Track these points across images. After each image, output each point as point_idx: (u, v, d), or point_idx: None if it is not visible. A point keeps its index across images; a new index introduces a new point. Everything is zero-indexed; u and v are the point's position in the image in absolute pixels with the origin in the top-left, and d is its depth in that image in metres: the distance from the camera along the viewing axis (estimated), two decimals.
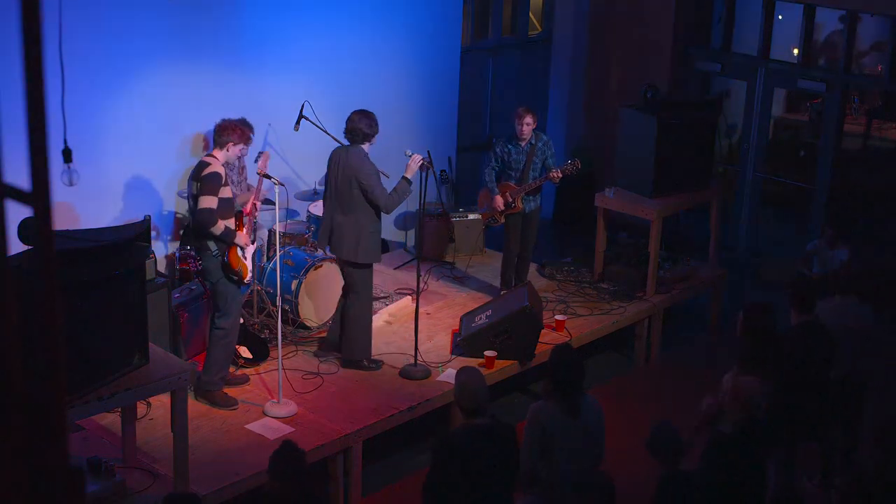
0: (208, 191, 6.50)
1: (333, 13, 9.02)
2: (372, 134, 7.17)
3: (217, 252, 6.63)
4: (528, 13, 11.78)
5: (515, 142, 8.39)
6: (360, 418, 6.82)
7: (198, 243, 6.72)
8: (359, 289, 7.35)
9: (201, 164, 6.64)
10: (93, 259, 5.18)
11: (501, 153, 8.43)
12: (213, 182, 6.51)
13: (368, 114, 7.21)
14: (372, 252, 7.25)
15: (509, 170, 8.43)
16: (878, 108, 11.66)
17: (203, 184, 6.51)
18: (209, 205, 6.50)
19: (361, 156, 7.17)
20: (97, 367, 5.27)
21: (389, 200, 7.13)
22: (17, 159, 1.91)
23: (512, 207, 8.48)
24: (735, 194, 11.24)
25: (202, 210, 6.50)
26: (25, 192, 1.60)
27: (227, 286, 6.72)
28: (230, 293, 6.75)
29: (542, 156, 8.44)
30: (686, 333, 9.46)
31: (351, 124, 7.18)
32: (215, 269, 6.67)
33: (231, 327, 6.83)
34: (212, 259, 6.65)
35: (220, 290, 6.74)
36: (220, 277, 6.69)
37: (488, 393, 5.20)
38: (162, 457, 6.14)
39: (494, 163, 8.46)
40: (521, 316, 7.62)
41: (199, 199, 6.50)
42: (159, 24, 7.84)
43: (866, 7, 10.01)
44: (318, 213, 8.30)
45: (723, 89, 11.78)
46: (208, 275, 6.74)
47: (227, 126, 6.72)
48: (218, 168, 6.57)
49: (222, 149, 6.69)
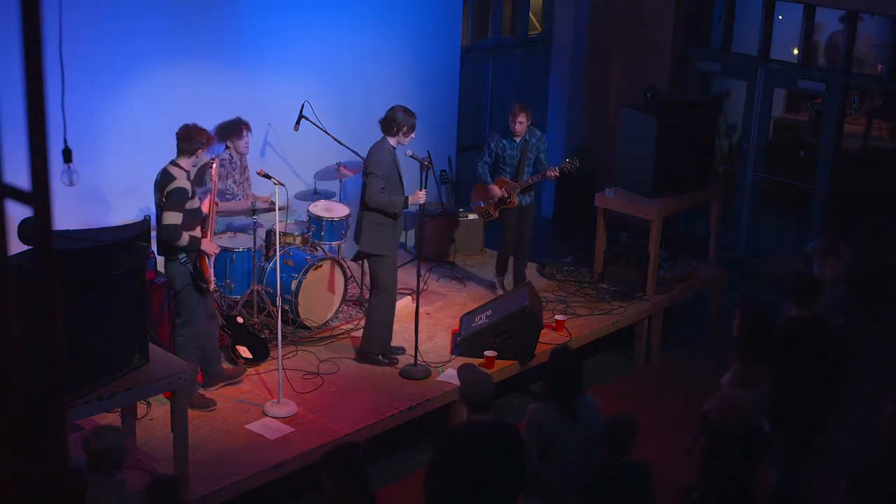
0: (173, 206, 6.41)
1: (333, 13, 9.02)
2: (398, 128, 7.16)
3: (185, 259, 6.58)
4: (528, 13, 11.78)
5: (510, 137, 8.46)
6: (360, 418, 6.82)
7: (164, 251, 6.62)
8: (376, 282, 7.44)
9: (167, 176, 6.48)
10: (93, 259, 5.17)
11: (496, 148, 8.53)
12: (178, 198, 6.41)
13: (406, 110, 7.23)
14: (381, 243, 7.28)
15: (503, 165, 8.53)
16: (878, 108, 11.67)
17: (167, 199, 6.42)
18: (174, 220, 6.41)
19: (376, 147, 7.25)
20: (97, 367, 5.26)
21: (377, 197, 7.16)
22: (17, 159, 1.91)
23: (507, 203, 8.56)
24: (735, 194, 11.24)
25: (167, 226, 6.42)
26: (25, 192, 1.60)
27: (192, 295, 6.65)
28: (195, 301, 6.68)
29: (535, 152, 8.56)
30: (686, 333, 9.45)
31: (385, 114, 7.25)
32: (182, 276, 6.60)
33: (193, 336, 6.74)
34: (178, 266, 6.59)
35: (184, 298, 6.66)
36: (186, 285, 6.61)
37: (494, 387, 5.23)
38: (162, 457, 6.14)
39: (488, 157, 8.58)
40: (521, 316, 7.62)
41: (164, 213, 6.42)
42: (159, 24, 7.83)
43: (866, 7, 10.01)
44: (318, 213, 8.31)
45: (723, 89, 11.77)
46: (174, 281, 6.64)
47: (194, 132, 6.56)
48: (183, 183, 6.46)
49: (191, 156, 6.55)
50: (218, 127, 7.88)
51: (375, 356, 7.49)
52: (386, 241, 7.35)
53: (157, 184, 6.58)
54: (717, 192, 9.44)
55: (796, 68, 10.68)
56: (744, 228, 11.23)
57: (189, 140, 6.52)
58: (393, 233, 7.39)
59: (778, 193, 11.41)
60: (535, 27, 11.99)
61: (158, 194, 6.51)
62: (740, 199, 11.21)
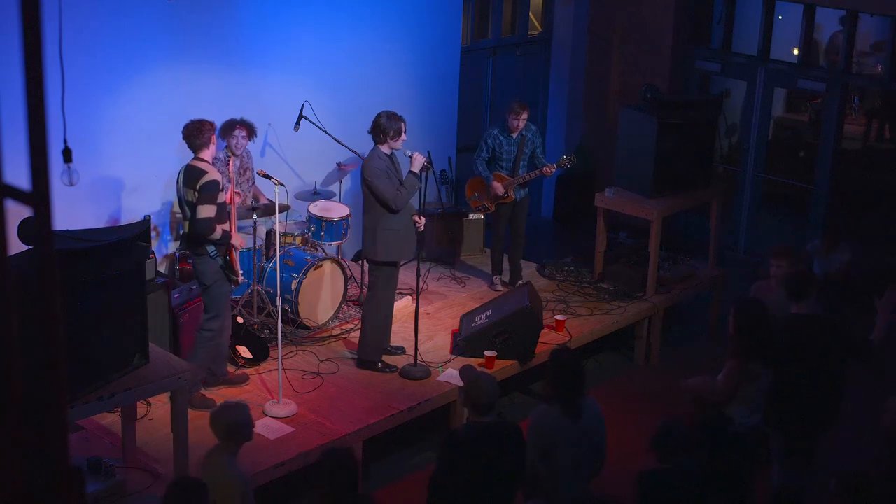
0: (207, 199, 6.46)
1: (333, 13, 9.02)
2: (384, 134, 7.14)
3: (215, 253, 6.62)
4: (528, 13, 11.78)
5: (507, 133, 8.54)
6: (360, 418, 6.82)
7: (194, 247, 6.68)
8: (374, 287, 7.41)
9: (195, 171, 6.53)
10: (93, 259, 5.17)
11: (493, 144, 8.63)
12: (211, 190, 6.47)
13: (391, 115, 7.21)
14: (388, 250, 7.24)
15: (500, 160, 8.62)
16: (878, 108, 11.66)
17: (201, 193, 6.46)
18: (209, 214, 6.48)
19: (372, 155, 7.21)
20: (97, 367, 5.26)
21: (398, 196, 7.13)
22: (17, 159, 1.91)
23: (504, 198, 8.67)
24: (735, 194, 11.24)
25: (202, 220, 6.47)
26: (25, 192, 1.60)
27: (223, 287, 6.72)
28: (223, 295, 6.75)
29: (531, 146, 8.68)
30: (686, 333, 9.45)
31: (371, 123, 7.23)
32: (212, 271, 6.64)
33: (220, 329, 6.81)
34: (208, 261, 6.63)
35: (215, 293, 6.71)
36: (217, 279, 6.67)
37: (498, 391, 5.24)
38: (162, 457, 6.14)
39: (485, 153, 8.67)
40: (521, 316, 7.62)
41: (198, 208, 6.47)
42: (159, 25, 7.83)
43: (866, 7, 10.01)
44: (318, 213, 8.31)
45: (723, 89, 11.77)
46: (203, 277, 6.69)
47: (200, 124, 6.58)
48: (215, 175, 6.53)
49: (208, 147, 6.59)
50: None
51: (375, 364, 7.48)
52: (396, 247, 7.28)
53: (184, 181, 6.58)
54: (716, 193, 9.44)
55: (796, 68, 10.68)
56: (744, 228, 11.23)
57: (200, 133, 6.56)
58: (406, 238, 7.31)
59: (778, 193, 11.40)
60: (535, 27, 11.98)
61: (188, 190, 6.53)
62: (740, 199, 11.21)
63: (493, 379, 5.33)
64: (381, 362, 7.48)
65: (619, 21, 11.53)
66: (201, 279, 6.72)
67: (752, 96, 10.97)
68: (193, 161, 6.61)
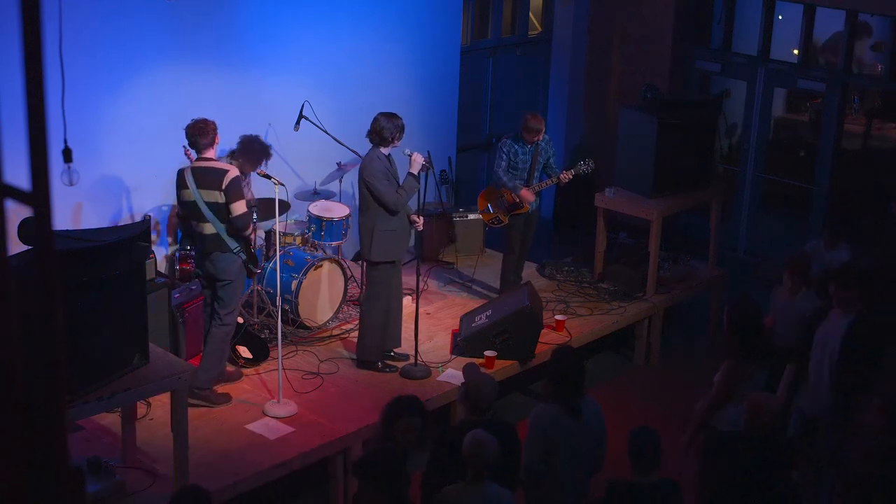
0: (237, 196, 6.59)
1: (334, 13, 9.02)
2: (384, 136, 7.13)
3: (238, 249, 6.69)
4: (528, 13, 11.77)
5: (522, 142, 8.40)
6: (360, 418, 6.82)
7: (221, 245, 6.67)
8: (370, 287, 7.43)
9: (213, 171, 6.58)
10: (93, 259, 5.17)
11: (509, 153, 8.43)
12: (238, 186, 6.62)
13: (389, 116, 7.20)
14: (385, 250, 7.26)
15: (514, 169, 8.44)
16: (878, 108, 11.65)
17: (230, 191, 6.55)
18: (243, 209, 6.63)
19: (370, 157, 7.22)
20: (97, 367, 5.26)
21: (397, 198, 7.14)
22: (17, 159, 1.91)
23: (519, 208, 8.50)
24: (735, 194, 11.23)
25: (240, 216, 6.60)
26: (25, 192, 1.60)
27: (240, 286, 6.86)
28: (240, 289, 6.89)
29: (545, 155, 8.53)
30: (686, 333, 9.46)
31: (370, 126, 7.22)
32: (235, 268, 6.72)
33: (231, 327, 6.91)
34: (233, 257, 6.69)
35: (234, 289, 6.79)
36: (238, 275, 6.75)
37: (497, 392, 5.25)
38: (162, 457, 6.14)
39: (505, 163, 8.43)
40: (521, 316, 7.62)
41: (232, 206, 6.57)
42: (159, 25, 7.83)
43: (866, 7, 10.01)
44: (318, 213, 8.31)
45: (723, 89, 11.77)
46: (228, 273, 6.72)
47: (203, 123, 6.63)
48: (235, 171, 6.66)
49: (213, 146, 6.67)
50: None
51: (375, 364, 7.48)
52: (393, 247, 7.31)
53: (197, 184, 6.58)
54: (716, 193, 9.44)
55: (796, 68, 10.67)
56: (744, 228, 11.23)
57: (205, 132, 6.61)
58: (403, 238, 7.38)
59: (778, 193, 11.40)
60: (535, 27, 11.98)
61: (208, 192, 6.57)
62: (740, 199, 11.20)
63: (494, 381, 5.35)
64: (382, 362, 7.48)
65: (619, 21, 11.53)
66: (225, 276, 6.73)
67: (752, 96, 10.97)
68: (201, 162, 6.64)
